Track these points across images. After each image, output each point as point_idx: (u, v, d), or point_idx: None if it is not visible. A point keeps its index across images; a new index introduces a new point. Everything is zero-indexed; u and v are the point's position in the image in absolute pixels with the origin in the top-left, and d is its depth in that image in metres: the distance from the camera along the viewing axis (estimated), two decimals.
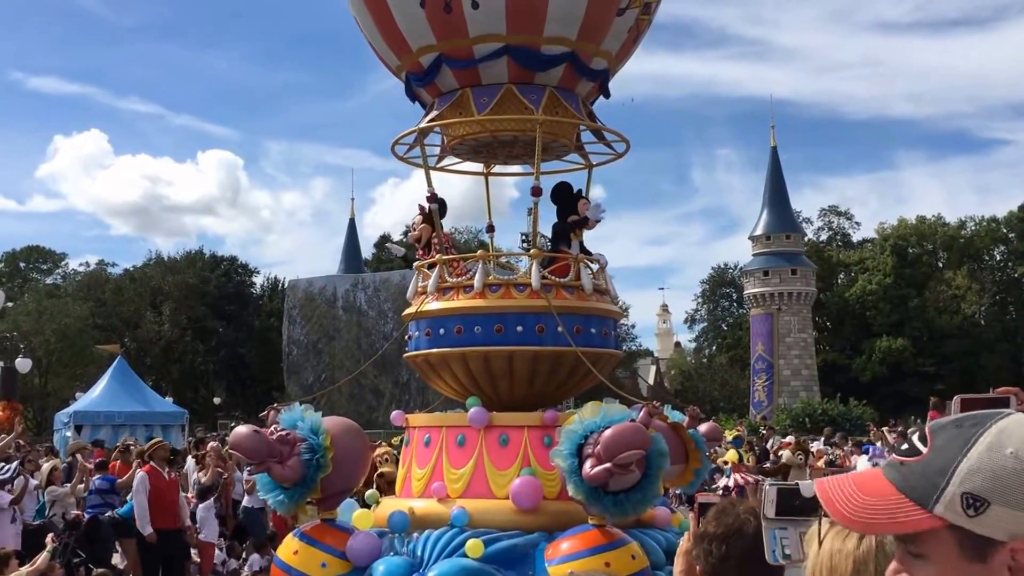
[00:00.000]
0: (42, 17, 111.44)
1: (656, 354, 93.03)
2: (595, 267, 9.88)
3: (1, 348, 36.74)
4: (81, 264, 74.54)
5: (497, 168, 11.51)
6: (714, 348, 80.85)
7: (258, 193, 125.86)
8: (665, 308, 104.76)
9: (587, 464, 7.19)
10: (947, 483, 1.64)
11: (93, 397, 34.84)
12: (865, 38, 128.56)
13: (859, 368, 67.95)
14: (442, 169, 11.21)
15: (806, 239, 70.39)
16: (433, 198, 9.59)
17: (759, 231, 65.06)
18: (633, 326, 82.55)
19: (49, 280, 71.89)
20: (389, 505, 9.21)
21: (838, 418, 49.87)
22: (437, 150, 10.66)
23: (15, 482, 13.82)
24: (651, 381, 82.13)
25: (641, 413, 7.48)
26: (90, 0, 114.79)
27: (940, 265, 74.14)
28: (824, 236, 78.99)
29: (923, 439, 1.73)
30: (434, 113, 9.84)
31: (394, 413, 10.05)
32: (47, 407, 56.17)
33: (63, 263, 73.73)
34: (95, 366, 53.87)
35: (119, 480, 15.91)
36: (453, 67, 9.52)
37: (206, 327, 65.72)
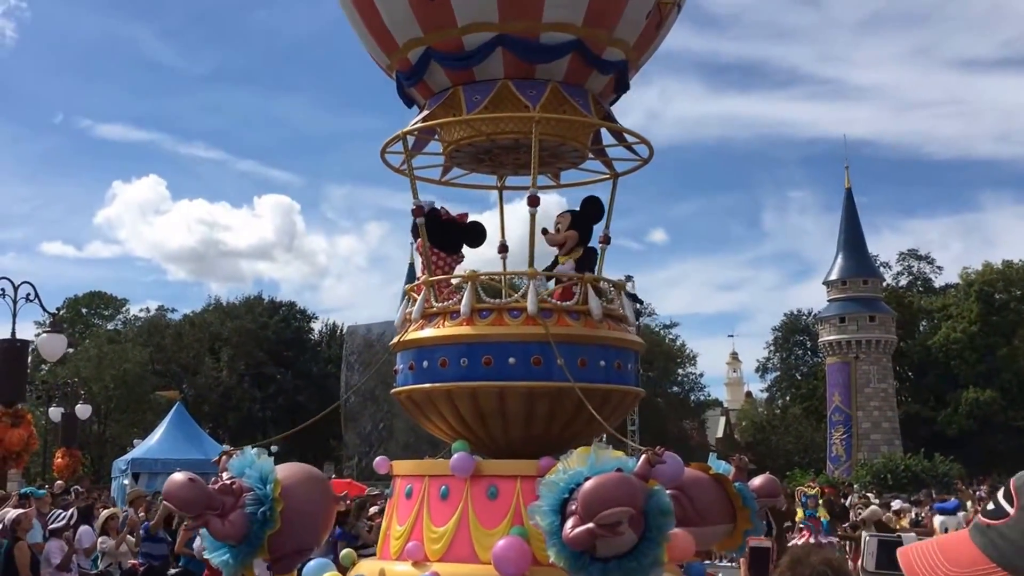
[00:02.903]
0: (114, 66, 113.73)
1: (726, 404, 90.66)
2: (612, 292, 8.60)
3: (61, 394, 36.51)
4: (142, 310, 74.91)
5: (512, 181, 10.24)
6: (787, 398, 78.29)
7: (314, 238, 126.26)
8: (735, 356, 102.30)
9: (568, 523, 5.90)
10: None
11: (151, 444, 34.38)
12: (948, 75, 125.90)
13: (944, 421, 65.35)
14: (447, 183, 10.01)
15: (884, 284, 68.20)
16: (419, 211, 8.41)
17: (834, 276, 63.17)
18: (701, 375, 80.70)
19: (110, 326, 72.10)
20: (362, 568, 7.99)
21: (922, 474, 47.89)
22: (441, 159, 9.52)
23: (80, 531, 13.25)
24: (720, 433, 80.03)
25: (639, 462, 6.16)
26: (162, 49, 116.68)
27: None
28: (904, 281, 76.46)
29: (1009, 498, 1.64)
30: (422, 115, 8.69)
31: (378, 459, 8.84)
32: (105, 454, 55.88)
33: (124, 309, 74.04)
34: (153, 413, 53.59)
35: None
36: (443, 62, 8.37)
37: (264, 373, 65.19)
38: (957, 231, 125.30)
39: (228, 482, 7.13)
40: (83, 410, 35.72)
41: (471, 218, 9.02)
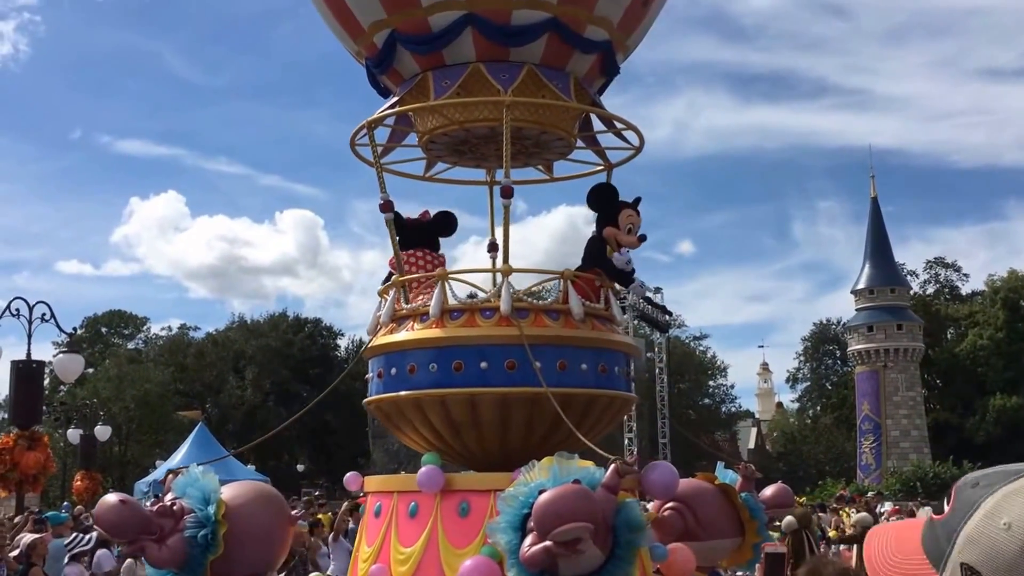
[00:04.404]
0: (133, 81, 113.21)
1: (757, 415, 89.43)
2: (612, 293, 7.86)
3: (80, 416, 36.04)
4: (163, 328, 74.22)
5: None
6: (818, 408, 77.14)
7: (339, 253, 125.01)
8: (766, 367, 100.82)
9: (526, 541, 5.19)
10: (951, 550, 1.59)
11: (174, 465, 33.81)
12: (973, 85, 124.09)
13: (973, 428, 64.16)
14: (431, 179, 9.32)
15: (912, 293, 67.04)
16: (388, 206, 7.72)
17: (861, 285, 62.14)
18: (732, 386, 79.65)
19: (131, 345, 71.37)
20: None
21: (951, 481, 45.78)
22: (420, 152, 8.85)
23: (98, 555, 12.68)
24: (752, 444, 78.86)
25: (608, 472, 5.43)
26: (181, 64, 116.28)
27: None
28: (931, 289, 75.20)
29: (948, 497, 1.69)
30: (389, 103, 8.01)
31: (348, 475, 8.15)
32: (126, 475, 55.27)
33: (145, 327, 73.25)
34: (175, 433, 53.04)
35: None
36: (409, 46, 7.71)
37: (289, 391, 64.53)
38: (983, 239, 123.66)
39: (168, 503, 6.44)
40: (102, 431, 35.22)
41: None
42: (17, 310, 19.18)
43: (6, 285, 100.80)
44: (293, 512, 7.22)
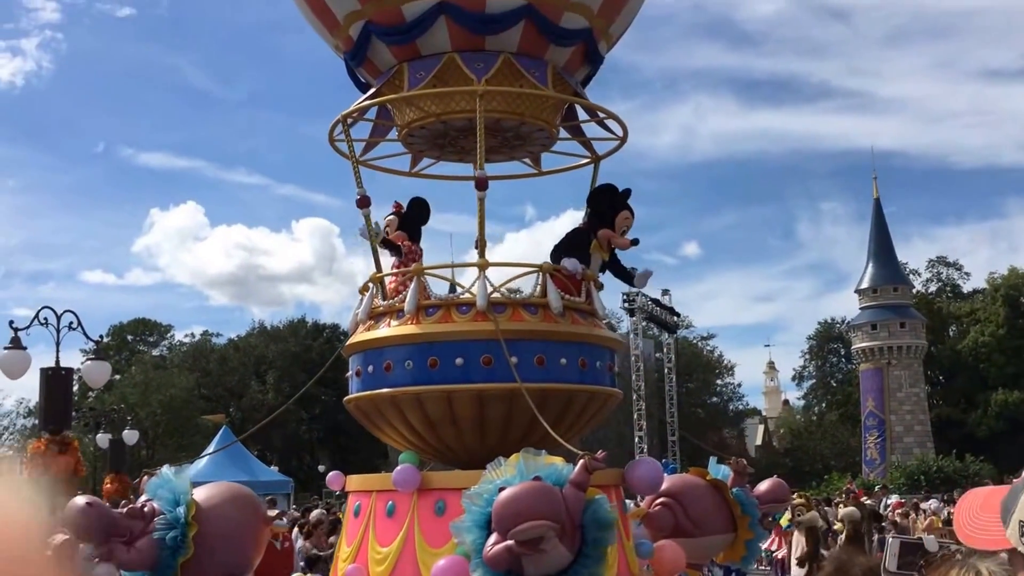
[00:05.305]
0: (153, 95, 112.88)
1: (764, 413, 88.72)
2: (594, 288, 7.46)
3: (108, 421, 35.97)
4: (187, 335, 73.99)
5: (492, 169, 9.05)
6: (824, 405, 76.55)
7: (354, 260, 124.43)
8: (772, 366, 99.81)
9: (490, 540, 4.80)
10: (1014, 508, 1.77)
11: (199, 468, 33.63)
12: (972, 86, 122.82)
13: (975, 423, 63.51)
14: (416, 174, 8.88)
15: (914, 291, 66.42)
16: (365, 201, 7.34)
17: (865, 284, 61.57)
18: (739, 385, 79.01)
19: (156, 352, 71.10)
20: None
21: (954, 475, 46.56)
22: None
23: None
24: (759, 441, 78.26)
25: (576, 469, 5.03)
26: (199, 77, 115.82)
27: None
28: (933, 288, 74.55)
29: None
30: (365, 95, 7.64)
31: (330, 475, 7.78)
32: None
33: (169, 335, 72.74)
34: (200, 436, 52.81)
35: None
36: (384, 37, 7.33)
37: (309, 394, 64.31)
38: (984, 238, 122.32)
39: (139, 505, 6.10)
40: (130, 436, 35.11)
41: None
42: (46, 319, 19.06)
43: (33, 295, 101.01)
44: (273, 513, 6.89)
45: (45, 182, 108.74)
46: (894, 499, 30.33)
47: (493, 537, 4.81)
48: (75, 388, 27.67)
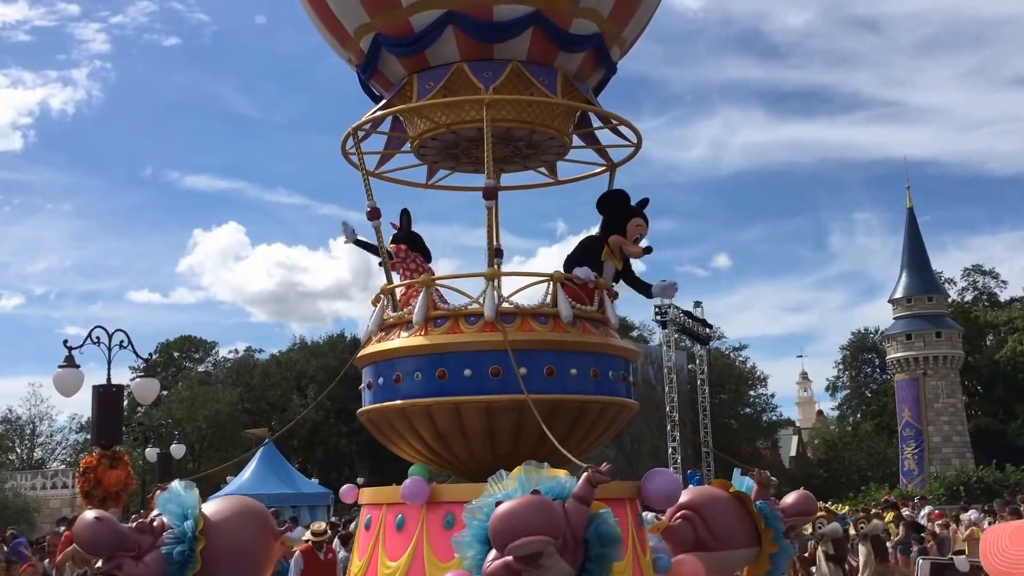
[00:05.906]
0: (198, 120, 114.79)
1: (798, 424, 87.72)
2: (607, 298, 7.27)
3: (156, 435, 36.29)
4: (230, 351, 74.55)
5: (508, 180, 8.89)
6: (858, 415, 75.48)
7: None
8: (805, 376, 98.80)
9: (489, 556, 4.62)
10: None
11: (243, 480, 33.83)
12: (1005, 94, 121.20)
13: (1015, 433, 62.33)
14: (432, 186, 8.73)
15: (950, 300, 65.39)
16: (375, 214, 7.22)
17: (899, 294, 60.64)
18: (773, 396, 78.17)
19: (201, 368, 71.68)
20: None
21: (995, 485, 45.61)
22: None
23: None
24: (793, 452, 77.37)
25: (580, 482, 4.84)
26: (240, 102, 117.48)
27: None
28: (969, 297, 73.43)
29: None
30: (376, 107, 7.52)
31: (344, 488, 7.64)
32: (201, 491, 55.24)
33: (214, 351, 73.36)
34: (244, 449, 53.06)
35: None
36: (392, 48, 7.20)
37: (348, 408, 64.46)
38: (1020, 245, 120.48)
39: (148, 520, 5.99)
40: (178, 450, 35.52)
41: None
42: (98, 338, 19.37)
43: (84, 314, 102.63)
44: (283, 527, 6.74)
45: (97, 206, 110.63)
46: (928, 510, 29.80)
47: (493, 553, 4.64)
48: (125, 404, 28.03)
